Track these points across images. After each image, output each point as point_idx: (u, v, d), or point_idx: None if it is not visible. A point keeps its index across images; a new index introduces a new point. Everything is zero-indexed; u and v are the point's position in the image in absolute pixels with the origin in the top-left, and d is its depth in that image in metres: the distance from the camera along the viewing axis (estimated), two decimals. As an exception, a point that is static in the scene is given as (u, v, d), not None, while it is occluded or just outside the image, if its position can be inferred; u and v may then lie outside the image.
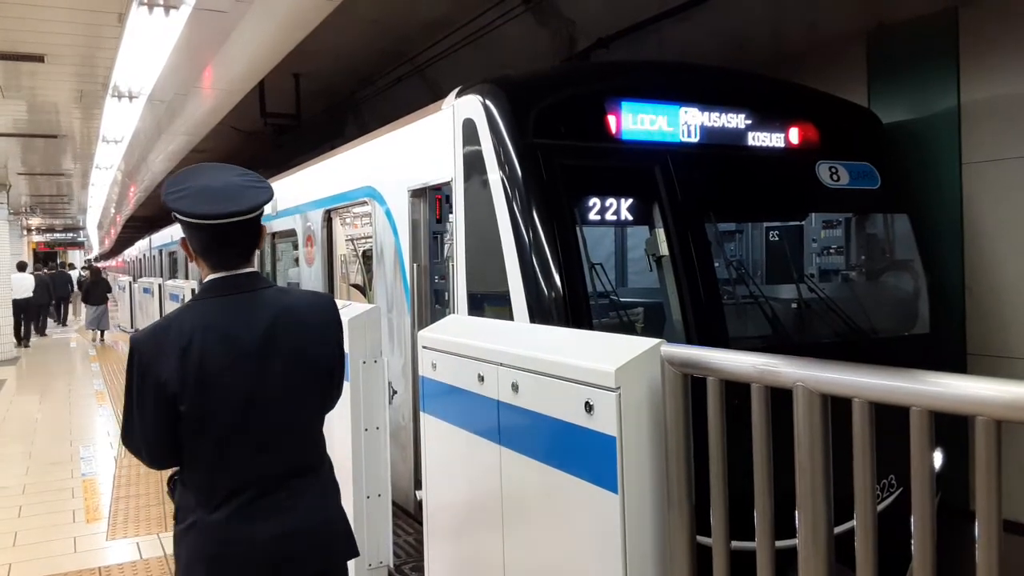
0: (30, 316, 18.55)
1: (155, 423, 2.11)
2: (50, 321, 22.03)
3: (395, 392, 5.00)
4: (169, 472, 2.30)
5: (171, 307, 14.15)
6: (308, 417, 2.28)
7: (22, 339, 17.75)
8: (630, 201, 4.13)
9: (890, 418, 1.86)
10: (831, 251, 5.38)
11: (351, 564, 3.34)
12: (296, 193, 7.86)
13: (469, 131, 4.21)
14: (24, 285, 17.80)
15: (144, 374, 2.09)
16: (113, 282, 26.41)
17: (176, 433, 2.11)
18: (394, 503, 4.15)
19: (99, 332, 18.78)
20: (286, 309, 2.21)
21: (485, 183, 4.07)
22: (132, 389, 2.14)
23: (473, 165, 4.19)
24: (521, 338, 3.14)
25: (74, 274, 28.50)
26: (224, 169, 2.26)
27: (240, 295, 2.17)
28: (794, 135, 4.66)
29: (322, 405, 2.33)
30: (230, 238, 2.14)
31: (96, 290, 18.59)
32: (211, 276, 2.20)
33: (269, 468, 2.17)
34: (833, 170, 4.70)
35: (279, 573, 2.17)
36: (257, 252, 2.28)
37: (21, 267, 19.14)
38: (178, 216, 2.12)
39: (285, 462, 2.21)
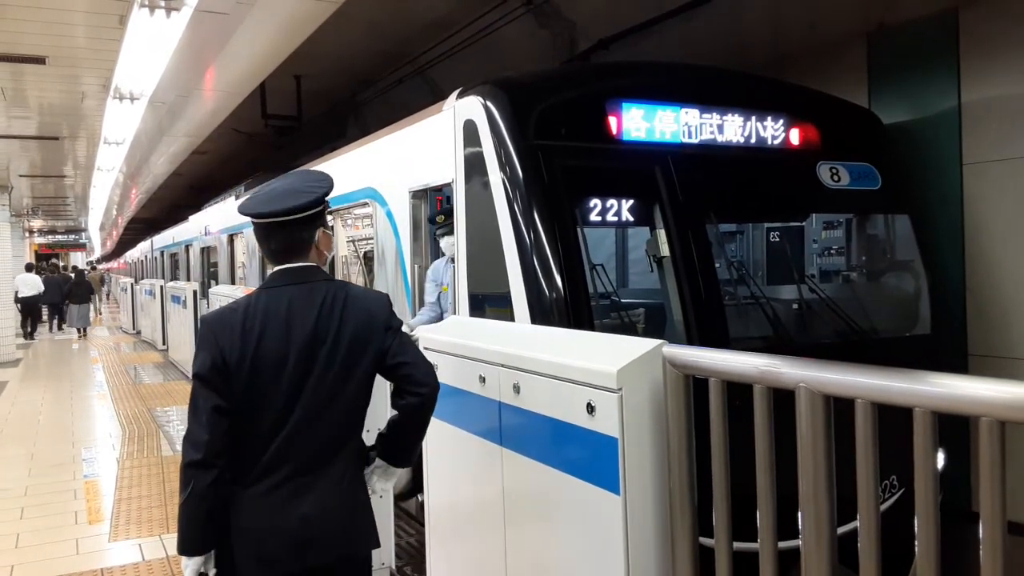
0: (37, 313, 20.51)
1: (215, 393, 2.27)
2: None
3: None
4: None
5: (173, 309, 14.21)
6: (344, 406, 2.39)
7: (29, 333, 19.72)
8: (631, 202, 4.13)
9: (892, 419, 1.86)
10: (832, 252, 5.38)
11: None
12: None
13: (470, 132, 4.22)
14: (32, 284, 19.38)
15: (209, 346, 2.30)
16: (115, 284, 26.77)
17: (230, 411, 2.27)
18: (396, 505, 4.15)
19: (82, 329, 20.54)
20: (340, 301, 2.40)
21: (486, 184, 4.07)
22: (199, 364, 2.32)
23: (474, 166, 4.20)
24: (522, 339, 3.14)
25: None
26: (297, 174, 2.58)
27: (297, 286, 2.40)
28: (795, 136, 4.66)
29: (357, 396, 2.42)
30: (274, 235, 2.41)
31: (79, 290, 20.49)
32: (274, 269, 2.46)
33: (305, 450, 2.32)
34: (834, 171, 4.70)
35: (305, 553, 2.29)
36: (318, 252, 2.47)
37: (29, 268, 21.33)
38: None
39: (320, 446, 2.34)
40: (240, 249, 10.57)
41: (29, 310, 19.76)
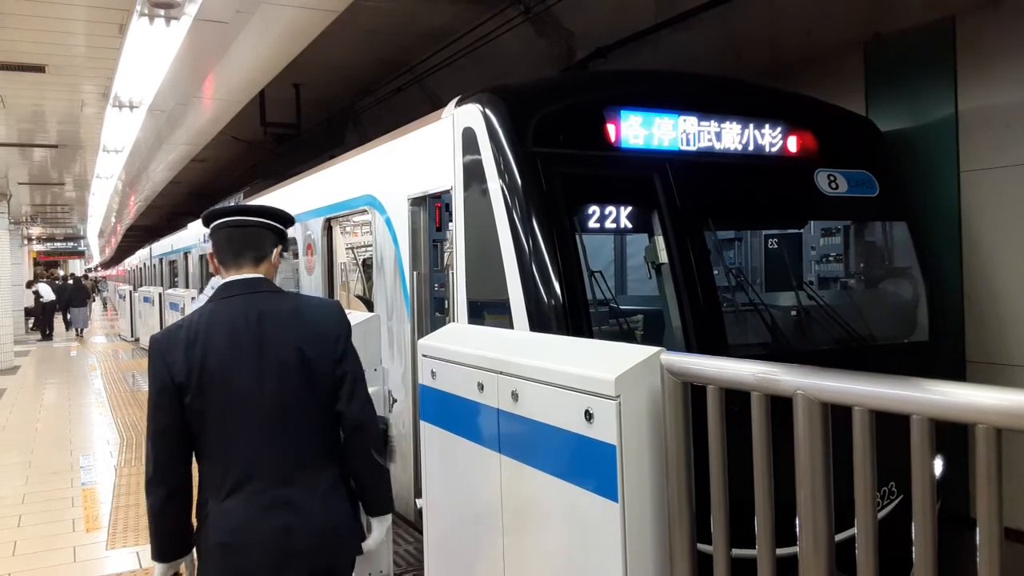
0: (50, 317, 22.73)
1: (162, 413, 2.28)
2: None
3: (395, 400, 5.00)
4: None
5: (171, 316, 14.19)
6: (310, 415, 2.36)
7: (48, 334, 22.35)
8: (629, 209, 4.14)
9: (889, 425, 1.86)
10: (830, 259, 5.39)
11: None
12: (296, 202, 7.88)
13: (469, 140, 4.23)
14: (45, 292, 22.42)
15: (156, 367, 2.30)
16: (113, 291, 28.03)
17: (181, 429, 2.28)
18: (394, 512, 4.14)
19: (80, 329, 23.22)
20: (287, 311, 2.39)
21: (485, 191, 4.08)
22: (150, 384, 2.33)
23: (473, 174, 4.21)
24: (521, 346, 3.14)
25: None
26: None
27: (244, 296, 2.39)
28: (793, 143, 4.67)
29: (322, 404, 2.38)
30: (235, 239, 2.47)
31: (78, 295, 23.55)
32: (223, 280, 2.47)
33: (274, 461, 2.30)
34: (832, 178, 4.72)
35: (283, 566, 2.26)
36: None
37: (38, 278, 25.75)
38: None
39: (290, 457, 2.31)
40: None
41: (48, 313, 22.28)
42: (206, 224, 2.53)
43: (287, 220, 2.56)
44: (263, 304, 2.37)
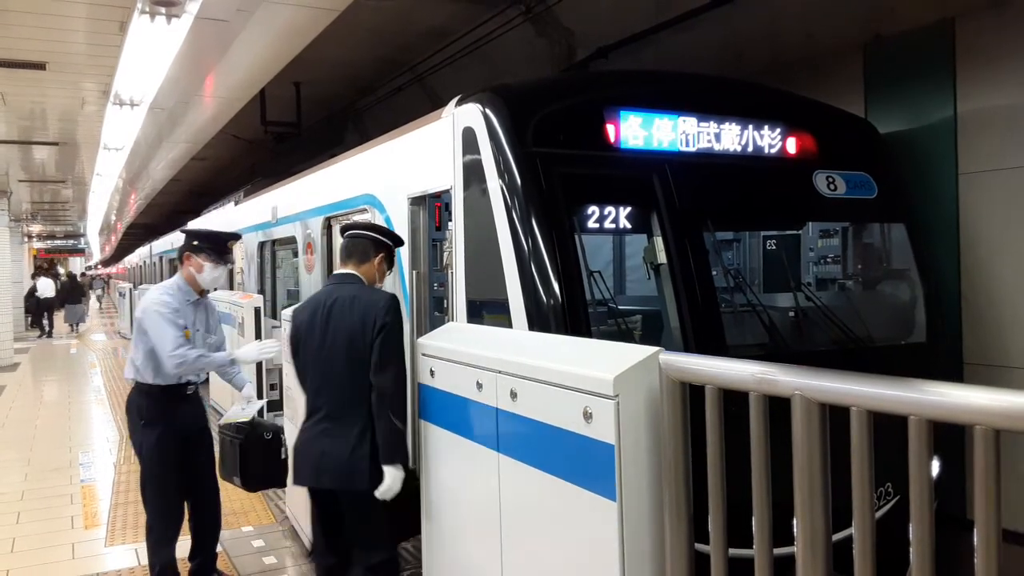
0: (52, 312, 23.56)
1: (296, 362, 3.58)
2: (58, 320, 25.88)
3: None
4: None
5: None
6: (350, 378, 3.33)
7: (45, 330, 22.89)
8: (629, 209, 4.14)
9: (886, 426, 1.86)
10: (828, 260, 5.39)
11: (350, 571, 3.28)
12: (296, 201, 7.88)
13: (469, 139, 4.23)
14: (49, 288, 23.29)
15: (291, 327, 3.60)
16: (113, 288, 28.84)
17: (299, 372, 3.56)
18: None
19: (76, 324, 24.54)
20: (347, 299, 3.39)
21: (484, 191, 4.08)
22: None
23: (472, 173, 4.21)
24: (520, 346, 3.15)
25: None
26: None
27: (335, 285, 3.53)
28: (792, 145, 4.68)
29: (361, 372, 3.29)
30: (346, 245, 3.68)
31: (74, 292, 25.20)
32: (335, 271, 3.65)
33: (325, 406, 3.40)
34: (830, 180, 4.72)
35: (318, 477, 3.39)
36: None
37: (38, 274, 26.58)
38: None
39: (334, 405, 3.37)
40: (238, 255, 10.57)
41: (46, 309, 22.96)
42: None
43: (391, 236, 3.72)
44: (340, 292, 3.43)
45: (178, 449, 4.16)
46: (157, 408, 4.12)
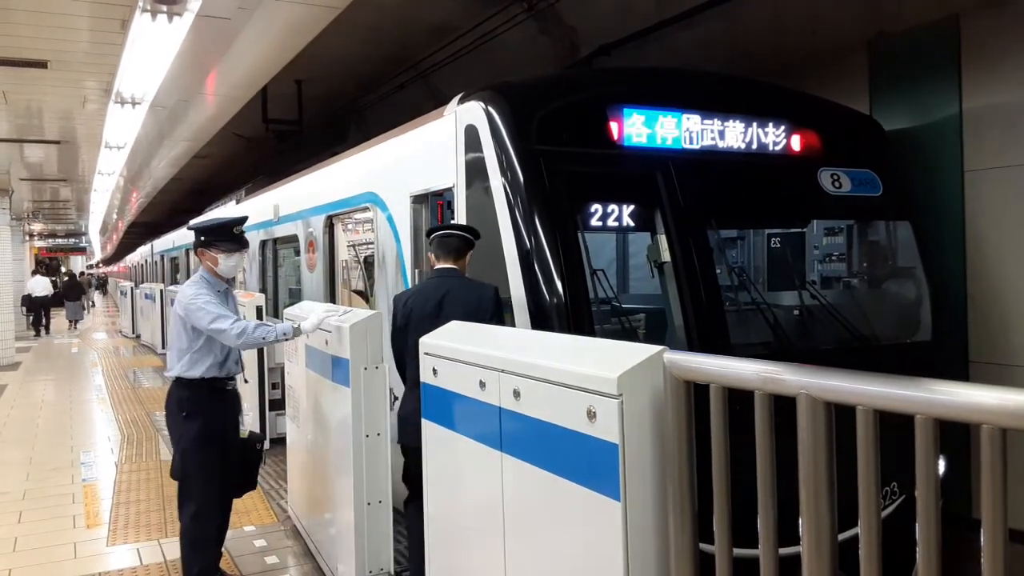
0: (48, 310, 23.34)
1: (397, 339, 3.98)
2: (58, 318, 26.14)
3: (396, 398, 4.99)
4: None
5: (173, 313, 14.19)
6: None
7: (41, 329, 22.52)
8: (632, 207, 4.13)
9: (891, 426, 1.85)
10: (833, 258, 5.38)
11: (351, 570, 3.29)
12: (298, 199, 7.87)
13: (471, 137, 4.22)
14: (44, 286, 22.93)
15: (397, 309, 3.98)
16: (114, 287, 29.12)
17: (402, 351, 3.95)
18: (395, 509, 4.14)
19: (75, 321, 24.98)
20: (456, 290, 3.79)
21: (487, 189, 4.07)
22: (392, 322, 4.04)
23: (475, 171, 4.20)
24: (523, 344, 3.14)
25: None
26: None
27: (439, 278, 3.90)
28: (796, 142, 4.66)
29: None
30: (445, 242, 3.96)
31: (73, 291, 25.73)
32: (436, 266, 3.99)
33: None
34: (835, 177, 4.70)
35: (416, 436, 3.56)
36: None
37: (35, 272, 26.69)
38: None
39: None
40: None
41: (41, 308, 22.68)
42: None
43: (474, 232, 3.93)
44: (447, 284, 3.83)
45: (221, 439, 4.19)
46: (197, 400, 4.17)
